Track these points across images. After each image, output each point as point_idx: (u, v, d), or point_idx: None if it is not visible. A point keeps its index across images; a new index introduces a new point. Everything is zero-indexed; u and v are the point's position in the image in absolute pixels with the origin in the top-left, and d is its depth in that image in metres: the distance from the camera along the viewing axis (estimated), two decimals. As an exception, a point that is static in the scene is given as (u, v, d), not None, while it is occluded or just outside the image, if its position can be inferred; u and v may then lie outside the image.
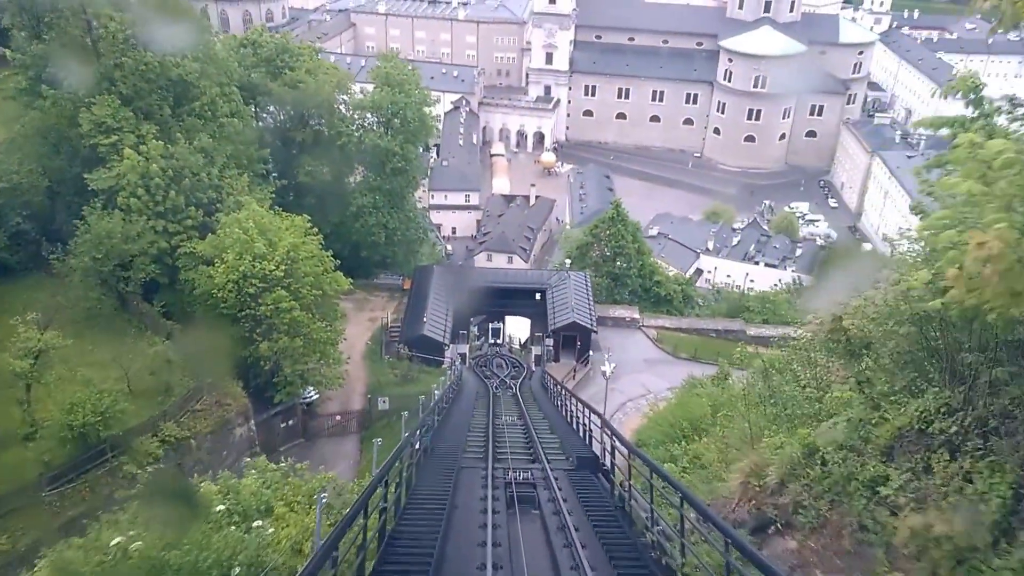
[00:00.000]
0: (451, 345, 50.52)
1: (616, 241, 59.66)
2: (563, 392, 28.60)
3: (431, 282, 52.99)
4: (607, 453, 17.22)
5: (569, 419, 25.75)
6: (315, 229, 42.16)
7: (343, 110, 56.34)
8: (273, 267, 38.58)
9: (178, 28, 45.50)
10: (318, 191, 57.14)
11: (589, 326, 50.39)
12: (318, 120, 56.25)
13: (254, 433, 37.96)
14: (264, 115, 58.94)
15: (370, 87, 59.92)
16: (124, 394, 34.61)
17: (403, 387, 45.02)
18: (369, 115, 55.88)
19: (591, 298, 53.17)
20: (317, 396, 43.26)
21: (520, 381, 41.23)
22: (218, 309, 40.03)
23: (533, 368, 49.98)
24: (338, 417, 42.97)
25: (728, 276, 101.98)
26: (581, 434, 22.02)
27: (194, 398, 36.41)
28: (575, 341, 50.93)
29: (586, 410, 21.33)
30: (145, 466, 32.89)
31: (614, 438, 16.15)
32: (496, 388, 36.74)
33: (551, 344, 51.14)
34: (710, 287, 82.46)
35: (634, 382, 51.09)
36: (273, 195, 48.24)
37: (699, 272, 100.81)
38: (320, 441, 42.48)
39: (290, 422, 41.76)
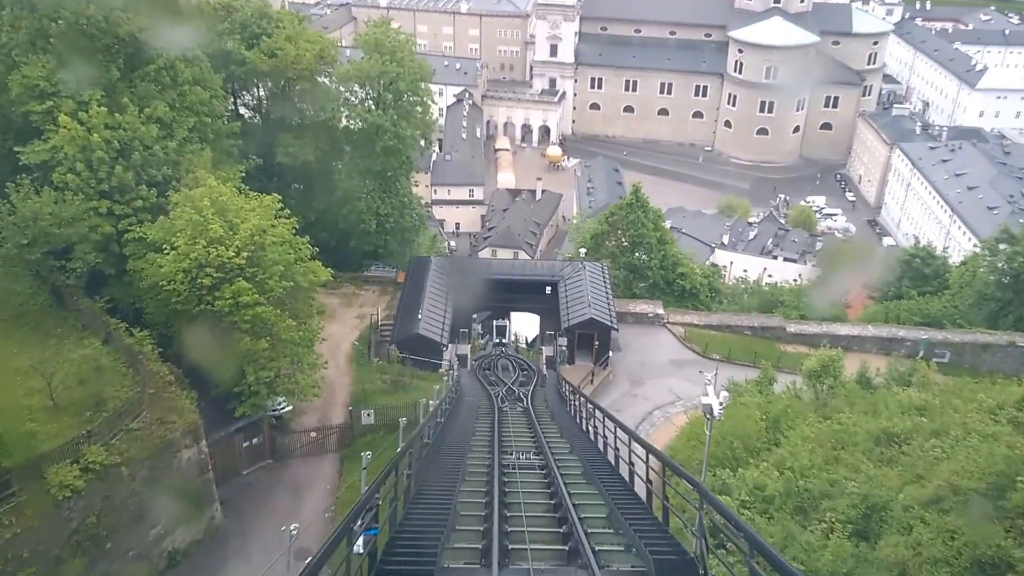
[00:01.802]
0: (450, 345, 42.89)
1: (635, 229, 51.90)
2: (594, 411, 20.70)
3: (428, 275, 45.31)
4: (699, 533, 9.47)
5: (601, 446, 18.14)
6: (286, 210, 34.40)
7: (328, 83, 48.51)
8: (232, 254, 30.96)
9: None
10: (303, 175, 49.58)
11: (609, 323, 42.65)
12: (301, 97, 48.47)
13: (206, 456, 30.22)
14: (243, 92, 51.31)
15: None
16: (38, 411, 27.02)
17: (393, 396, 37.38)
18: (357, 87, 48.10)
19: (610, 292, 45.45)
20: (290, 408, 35.57)
21: (531, 389, 33.54)
22: (170, 305, 32.54)
23: (544, 372, 42.31)
24: (313, 433, 35.22)
25: (744, 271, 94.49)
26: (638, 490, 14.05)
27: (130, 414, 28.71)
28: (592, 340, 43.18)
29: (646, 454, 13.32)
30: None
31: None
32: (502, 400, 28.98)
33: (565, 344, 43.39)
34: (733, 280, 74.29)
35: (660, 387, 43.43)
36: (243, 174, 40.55)
37: (714, 267, 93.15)
38: (292, 462, 34.72)
39: (255, 440, 34.04)
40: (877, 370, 40.06)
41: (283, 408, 34.72)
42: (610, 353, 43.27)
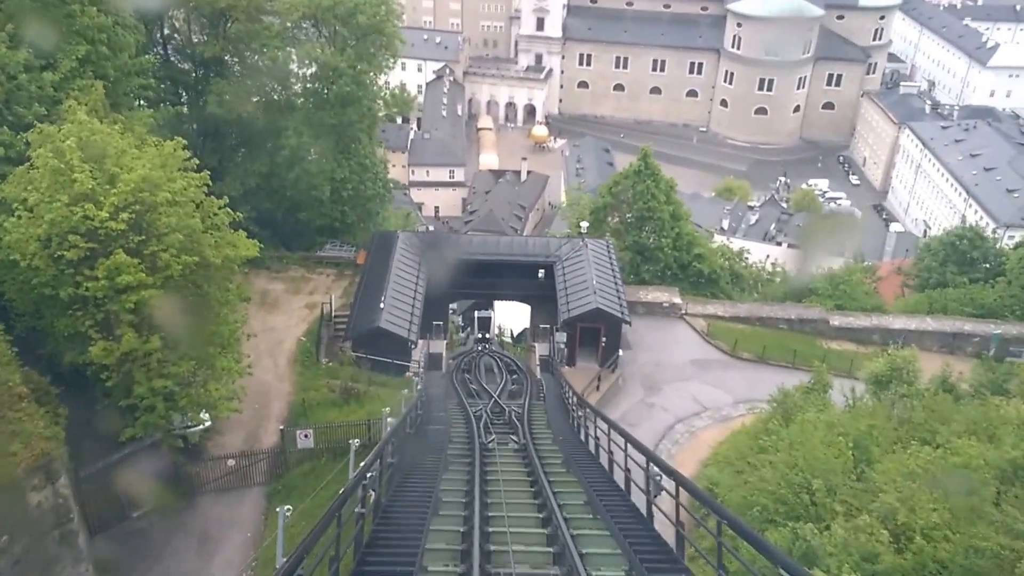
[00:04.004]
0: (420, 342, 33.99)
1: (644, 202, 43.14)
2: (663, 479, 11.53)
3: (394, 254, 36.30)
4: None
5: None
6: (193, 160, 25.23)
7: (271, 20, 39.06)
8: (107, 215, 21.89)
9: None
10: (245, 133, 40.45)
11: (619, 314, 33.88)
12: (238, 36, 38.92)
13: (67, 499, 21.17)
14: (174, 35, 41.84)
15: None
16: None
17: (343, 410, 28.35)
18: (305, 23, 38.83)
19: (618, 275, 36.68)
20: (206, 426, 26.53)
21: (526, 404, 24.66)
22: (33, 287, 23.37)
23: (539, 376, 33.54)
24: (231, 462, 26.13)
25: (747, 257, 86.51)
26: None
27: (-51, 443, 19.64)
28: (598, 336, 34.38)
29: None
30: None
31: None
32: (487, 426, 19.95)
33: (564, 340, 34.51)
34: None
35: (681, 394, 34.78)
36: (153, 121, 31.33)
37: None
38: (203, 501, 25.57)
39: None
40: (960, 373, 31.56)
41: (193, 428, 25.63)
42: (619, 352, 34.47)
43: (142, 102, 35.32)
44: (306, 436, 25.61)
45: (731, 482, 25.57)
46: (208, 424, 26.65)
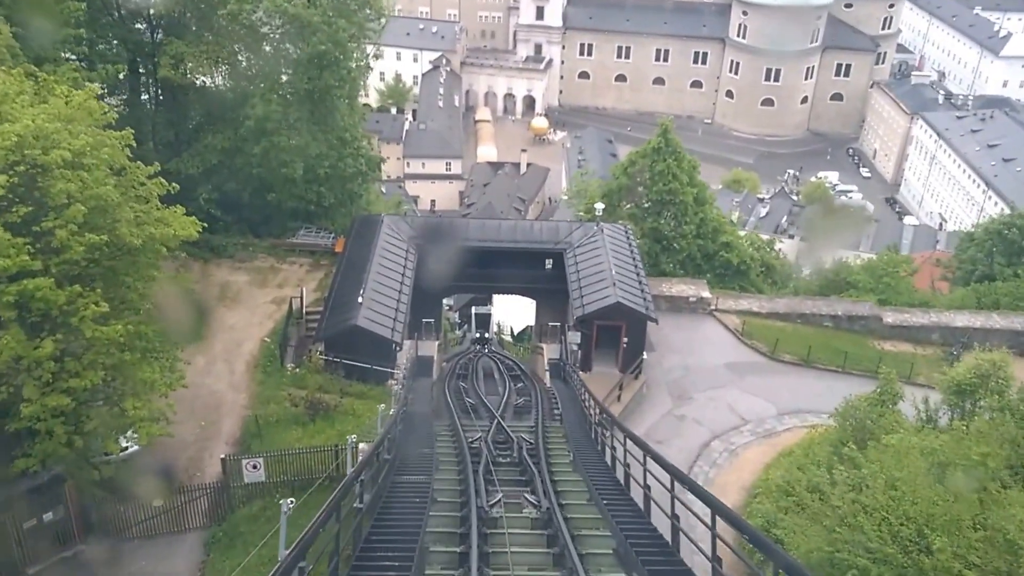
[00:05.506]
0: (407, 343, 28.06)
1: (664, 183, 37.27)
2: None
3: (376, 241, 30.34)
4: None
5: None
6: (112, 112, 19.29)
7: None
8: (-24, 177, 16.04)
9: None
10: (211, 103, 34.52)
11: (643, 310, 27.95)
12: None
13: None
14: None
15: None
16: None
17: (307, 429, 22.38)
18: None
19: (640, 265, 30.75)
20: (131, 451, 20.57)
21: (539, 428, 18.69)
22: None
23: (549, 385, 27.63)
24: (158, 502, 20.19)
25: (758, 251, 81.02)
26: None
27: None
28: (618, 336, 28.44)
29: None
30: None
31: None
32: (487, 475, 13.75)
33: (578, 341, 28.52)
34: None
35: (717, 403, 28.90)
36: (81, 78, 25.34)
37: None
38: (124, 550, 19.59)
39: (50, 514, 19.00)
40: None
41: (108, 457, 19.63)
42: (644, 355, 28.53)
43: (80, 62, 29.56)
44: (255, 467, 19.64)
45: (793, 522, 19.69)
46: (134, 449, 20.66)
